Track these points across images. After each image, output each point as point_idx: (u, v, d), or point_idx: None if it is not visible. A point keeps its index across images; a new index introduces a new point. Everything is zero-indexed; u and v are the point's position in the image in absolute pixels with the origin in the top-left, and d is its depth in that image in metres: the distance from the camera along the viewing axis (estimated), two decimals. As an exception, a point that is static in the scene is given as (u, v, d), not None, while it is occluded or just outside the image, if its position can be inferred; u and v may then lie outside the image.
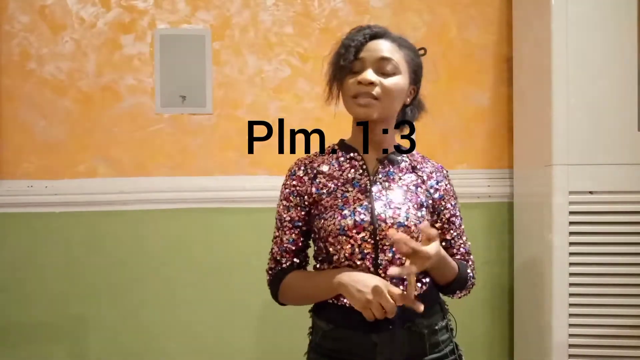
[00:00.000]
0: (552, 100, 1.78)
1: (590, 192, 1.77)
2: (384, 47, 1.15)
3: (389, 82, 1.13)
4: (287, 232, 1.21)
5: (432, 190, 1.21)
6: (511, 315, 2.11)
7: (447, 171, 1.28)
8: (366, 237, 1.12)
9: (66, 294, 2.01)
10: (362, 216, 1.13)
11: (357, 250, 1.12)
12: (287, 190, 1.21)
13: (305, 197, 1.19)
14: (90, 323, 2.02)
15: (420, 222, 1.14)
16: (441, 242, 1.18)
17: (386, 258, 1.12)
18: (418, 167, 1.23)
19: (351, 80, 1.14)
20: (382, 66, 1.14)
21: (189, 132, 2.07)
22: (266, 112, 2.10)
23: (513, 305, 2.09)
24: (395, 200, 1.15)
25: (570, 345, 1.77)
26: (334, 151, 1.24)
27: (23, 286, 2.01)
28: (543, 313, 1.82)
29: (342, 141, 1.26)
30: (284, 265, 1.21)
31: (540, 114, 1.85)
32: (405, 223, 1.13)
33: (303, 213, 1.20)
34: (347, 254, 1.13)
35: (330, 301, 1.15)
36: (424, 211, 1.18)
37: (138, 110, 2.06)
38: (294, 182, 1.21)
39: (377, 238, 1.12)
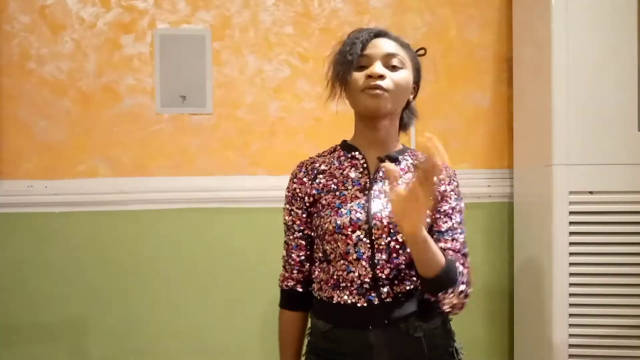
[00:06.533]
0: (552, 100, 1.78)
1: (590, 192, 1.77)
2: (388, 44, 1.16)
3: (397, 75, 1.14)
4: (291, 237, 1.23)
5: None
6: (511, 315, 2.11)
7: (453, 171, 1.24)
8: (361, 236, 1.11)
9: (66, 294, 2.01)
10: (357, 214, 1.12)
11: (352, 249, 1.11)
12: (289, 194, 1.23)
13: (306, 198, 1.20)
14: (90, 323, 2.02)
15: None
16: (433, 235, 1.13)
17: (382, 258, 1.11)
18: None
19: (359, 74, 1.14)
20: (388, 61, 1.14)
21: (189, 132, 2.07)
22: (266, 112, 2.10)
23: (513, 305, 2.09)
24: None
25: (570, 345, 1.76)
26: (335, 150, 1.24)
27: (23, 286, 2.01)
28: (543, 313, 1.82)
29: (344, 142, 1.26)
30: (289, 284, 1.24)
31: (540, 114, 1.85)
32: None
33: (304, 216, 1.21)
34: (342, 253, 1.13)
35: (327, 300, 1.15)
36: None
37: (138, 110, 2.06)
38: (295, 185, 1.22)
39: (373, 237, 1.11)
